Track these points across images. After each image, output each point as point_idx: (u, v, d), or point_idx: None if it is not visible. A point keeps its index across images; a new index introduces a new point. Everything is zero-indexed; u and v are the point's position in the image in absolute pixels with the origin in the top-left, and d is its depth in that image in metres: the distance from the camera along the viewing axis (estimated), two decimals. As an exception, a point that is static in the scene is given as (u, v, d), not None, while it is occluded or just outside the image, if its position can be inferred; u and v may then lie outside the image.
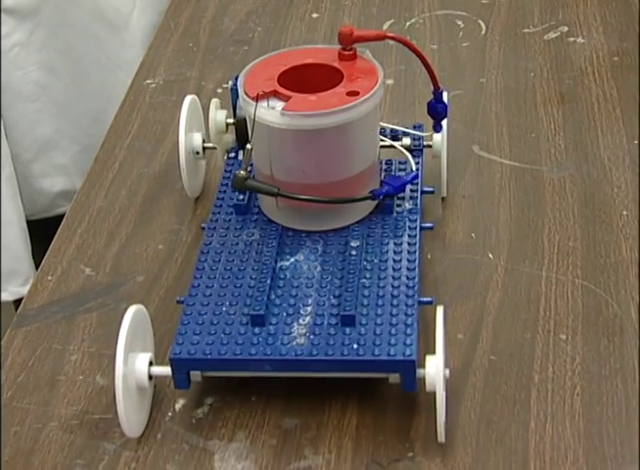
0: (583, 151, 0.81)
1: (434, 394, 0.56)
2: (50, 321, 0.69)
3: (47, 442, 0.60)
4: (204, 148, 0.76)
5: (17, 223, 1.07)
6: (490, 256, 0.72)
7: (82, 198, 0.80)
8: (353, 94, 0.63)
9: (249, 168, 0.64)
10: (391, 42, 0.67)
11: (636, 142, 0.81)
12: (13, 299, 1.08)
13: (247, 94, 0.64)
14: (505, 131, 0.84)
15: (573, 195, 0.77)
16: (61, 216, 0.80)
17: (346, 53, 0.66)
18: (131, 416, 0.58)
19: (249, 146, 0.63)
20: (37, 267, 0.74)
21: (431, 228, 0.69)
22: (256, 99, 0.62)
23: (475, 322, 0.66)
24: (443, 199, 0.76)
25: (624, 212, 0.74)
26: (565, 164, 0.80)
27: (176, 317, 0.64)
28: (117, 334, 0.57)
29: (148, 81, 0.95)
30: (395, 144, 0.73)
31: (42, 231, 0.93)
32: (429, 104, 0.70)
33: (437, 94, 0.69)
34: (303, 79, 0.66)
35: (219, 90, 0.92)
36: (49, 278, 0.72)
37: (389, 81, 0.92)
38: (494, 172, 0.80)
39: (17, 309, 0.71)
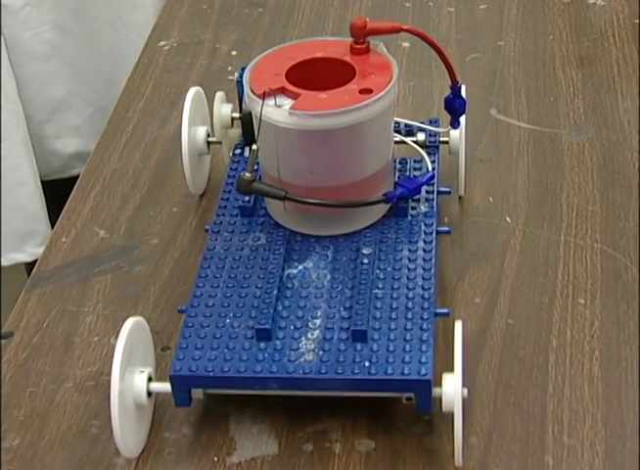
0: (602, 114, 0.80)
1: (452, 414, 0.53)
2: (64, 283, 0.68)
3: (62, 402, 0.60)
4: (208, 143, 0.72)
5: (33, 183, 1.06)
6: (508, 219, 0.71)
7: (96, 160, 0.80)
8: (366, 92, 0.59)
9: (255, 168, 0.60)
10: (407, 4, 0.65)
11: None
12: (31, 260, 1.07)
13: (252, 91, 0.60)
14: (523, 95, 0.83)
15: (592, 159, 0.76)
16: (75, 178, 0.79)
17: (359, 46, 0.62)
18: (128, 436, 0.55)
19: (254, 146, 0.59)
20: (52, 228, 0.74)
21: (447, 232, 0.65)
22: (263, 96, 0.59)
23: (492, 286, 0.65)
24: (460, 198, 0.73)
25: (644, 177, 0.74)
26: (584, 127, 0.79)
27: (190, 282, 0.63)
28: (118, 333, 0.55)
29: (161, 43, 0.94)
30: (408, 141, 0.69)
31: (56, 192, 0.93)
32: (446, 99, 0.65)
33: (456, 89, 0.64)
34: (313, 75, 0.62)
35: (233, 53, 0.91)
36: (63, 240, 0.72)
37: (405, 44, 0.90)
38: (512, 136, 0.79)
39: (31, 271, 0.70)
